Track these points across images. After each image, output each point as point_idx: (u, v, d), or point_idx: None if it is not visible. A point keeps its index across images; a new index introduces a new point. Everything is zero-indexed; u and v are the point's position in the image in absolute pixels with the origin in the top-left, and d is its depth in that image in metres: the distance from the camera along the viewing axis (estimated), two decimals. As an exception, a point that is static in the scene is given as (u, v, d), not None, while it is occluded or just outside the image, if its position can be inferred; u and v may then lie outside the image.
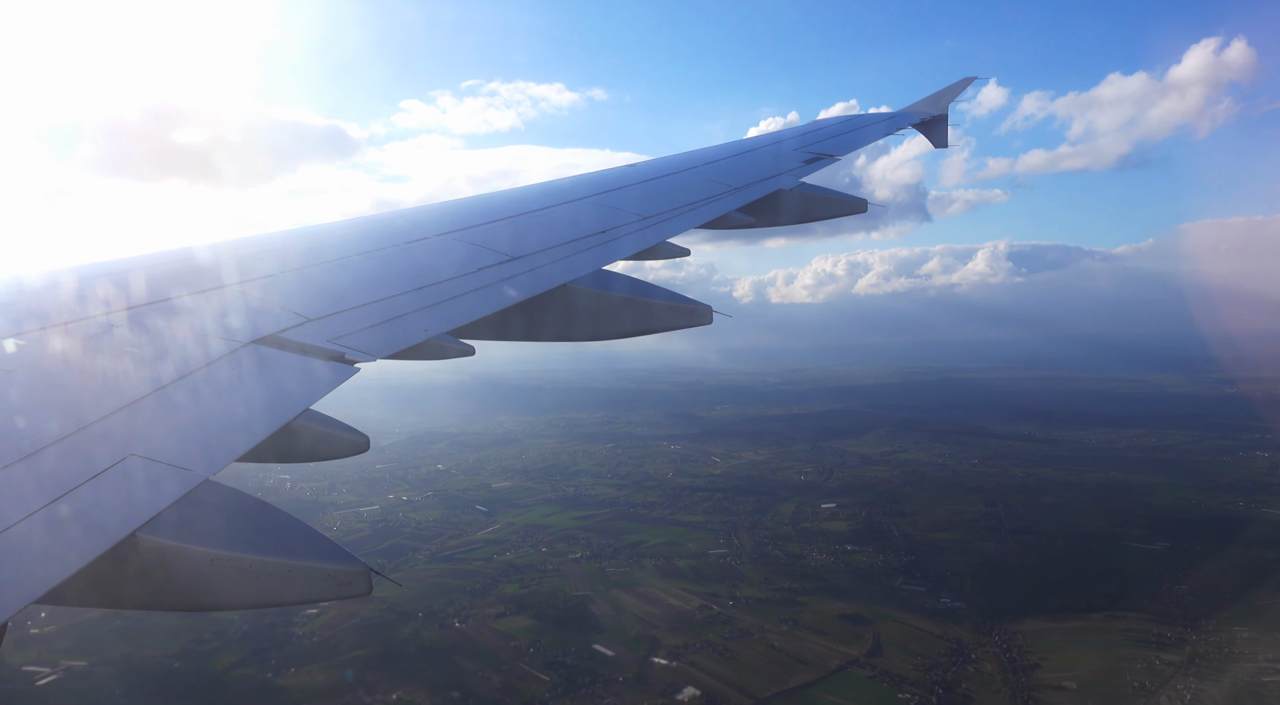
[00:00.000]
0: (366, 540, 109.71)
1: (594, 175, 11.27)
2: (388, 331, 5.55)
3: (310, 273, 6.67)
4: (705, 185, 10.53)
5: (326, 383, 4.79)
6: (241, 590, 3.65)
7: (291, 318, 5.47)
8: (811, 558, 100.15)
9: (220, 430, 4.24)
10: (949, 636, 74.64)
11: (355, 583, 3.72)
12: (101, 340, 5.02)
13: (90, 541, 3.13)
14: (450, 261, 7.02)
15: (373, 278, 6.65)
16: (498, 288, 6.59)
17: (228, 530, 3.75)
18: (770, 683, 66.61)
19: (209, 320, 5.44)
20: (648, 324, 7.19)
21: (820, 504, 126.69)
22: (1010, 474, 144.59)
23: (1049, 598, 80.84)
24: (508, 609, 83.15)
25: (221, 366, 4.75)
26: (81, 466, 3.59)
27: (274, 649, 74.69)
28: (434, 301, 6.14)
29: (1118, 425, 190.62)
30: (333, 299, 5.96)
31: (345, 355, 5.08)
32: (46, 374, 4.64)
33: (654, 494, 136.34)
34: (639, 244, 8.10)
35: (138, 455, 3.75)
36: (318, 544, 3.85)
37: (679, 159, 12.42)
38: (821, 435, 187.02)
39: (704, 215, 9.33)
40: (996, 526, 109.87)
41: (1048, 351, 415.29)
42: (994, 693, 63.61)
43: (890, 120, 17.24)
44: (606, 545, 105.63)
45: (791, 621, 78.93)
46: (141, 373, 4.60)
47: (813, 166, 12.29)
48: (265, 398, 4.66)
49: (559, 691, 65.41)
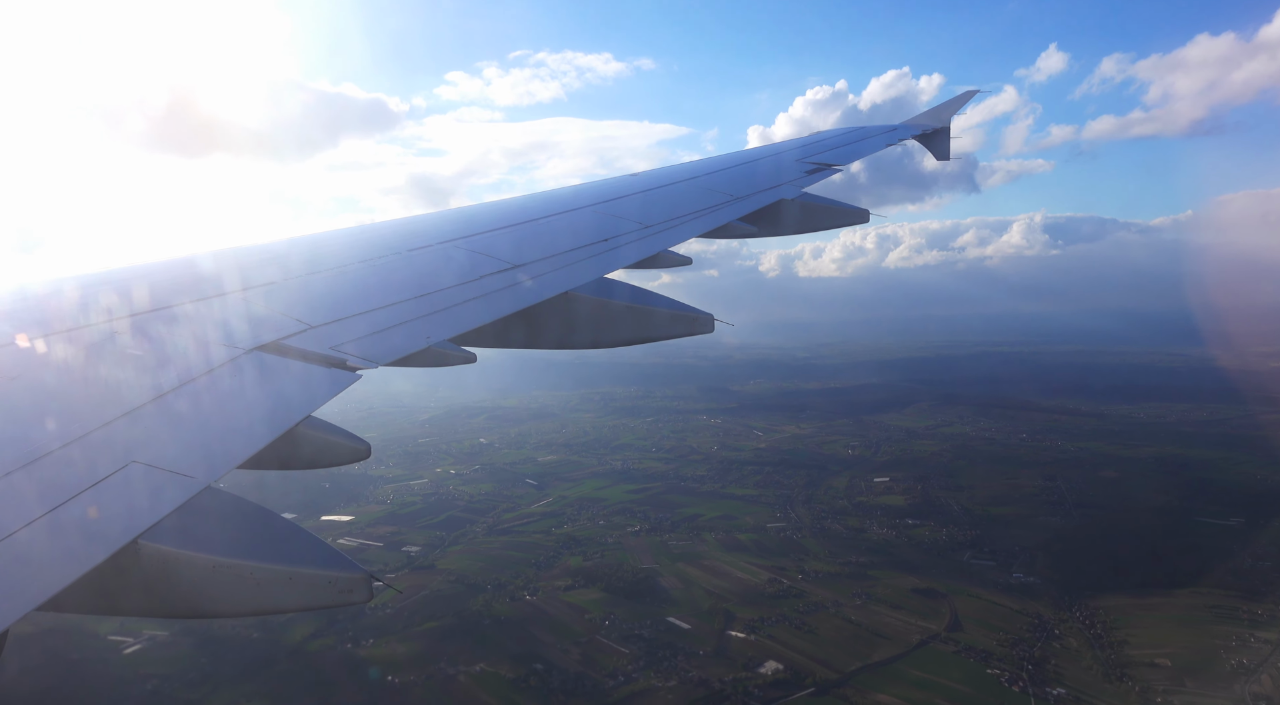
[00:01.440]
0: (421, 513, 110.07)
1: (596, 184, 11.37)
2: (389, 338, 5.56)
3: (312, 280, 6.66)
4: (707, 194, 10.57)
5: (328, 390, 4.79)
6: (243, 597, 3.67)
7: (293, 325, 5.49)
8: (873, 532, 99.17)
9: (222, 437, 4.25)
10: (1028, 612, 73.59)
11: (356, 589, 3.72)
12: (104, 347, 5.05)
13: (92, 548, 3.12)
14: (452, 269, 7.04)
15: (374, 285, 6.66)
16: (499, 295, 6.59)
17: (229, 537, 3.77)
18: (853, 657, 65.96)
19: (211, 327, 5.47)
20: (649, 332, 7.16)
21: (873, 478, 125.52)
22: (1062, 448, 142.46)
23: (1127, 574, 79.46)
24: (575, 582, 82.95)
25: (223, 373, 4.78)
26: (83, 473, 3.60)
27: (349, 621, 74.93)
28: (435, 309, 6.16)
29: (1165, 399, 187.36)
30: (334, 306, 5.97)
31: (347, 362, 5.09)
32: (49, 381, 4.65)
33: (702, 468, 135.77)
34: (640, 253, 8.11)
35: (140, 462, 3.74)
36: (318, 551, 3.87)
37: (681, 168, 12.58)
38: (862, 409, 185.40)
39: (706, 224, 9.40)
40: (1058, 501, 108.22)
41: (1083, 325, 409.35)
42: (1085, 669, 62.62)
43: (892, 132, 17.59)
44: (664, 519, 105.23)
45: (865, 595, 78.16)
46: (143, 379, 4.60)
47: (814, 177, 12.45)
48: (267, 404, 4.66)
49: (641, 664, 65.12)
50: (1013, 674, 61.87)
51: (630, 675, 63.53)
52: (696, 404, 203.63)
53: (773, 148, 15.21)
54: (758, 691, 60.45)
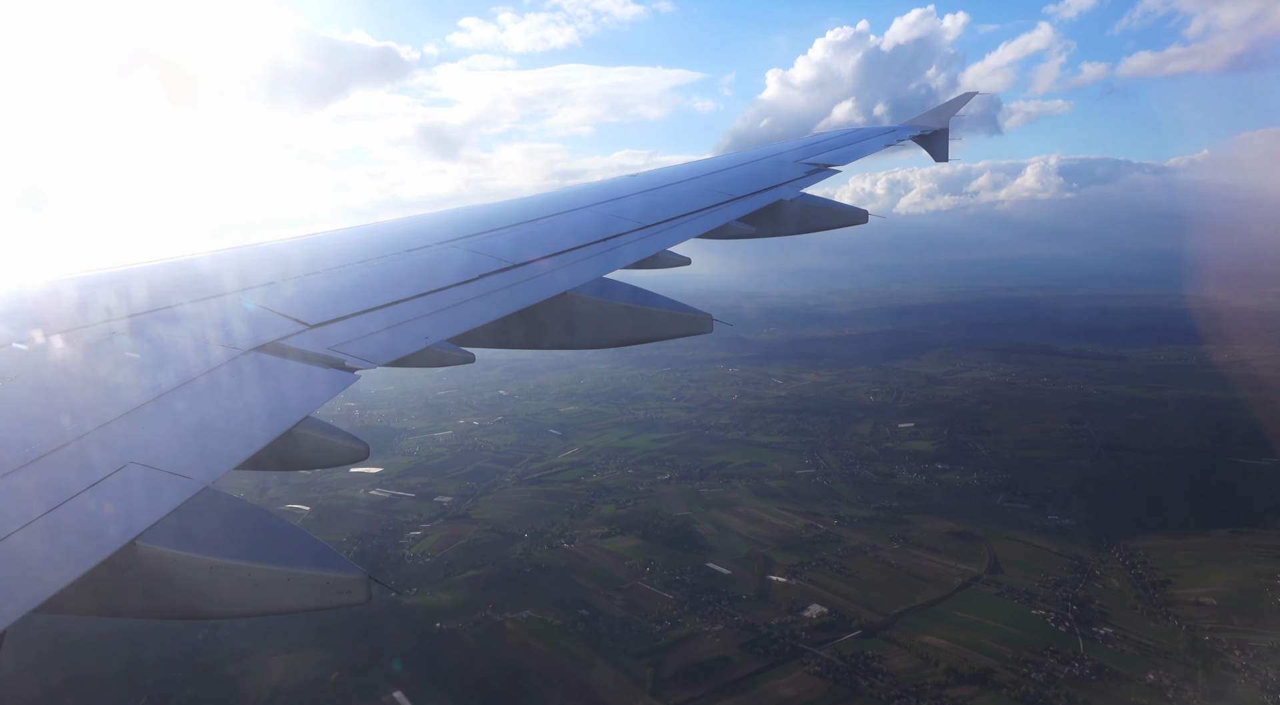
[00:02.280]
0: (449, 464, 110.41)
1: (595, 185, 11.52)
2: (388, 339, 5.54)
3: (311, 280, 6.65)
4: (706, 195, 10.59)
5: (326, 390, 4.77)
6: (240, 598, 3.66)
7: (292, 325, 5.49)
8: (903, 477, 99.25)
9: (220, 437, 4.23)
10: (1066, 554, 73.75)
11: (354, 590, 3.71)
12: (102, 347, 5.05)
13: (89, 549, 3.11)
14: (451, 269, 7.02)
15: (373, 285, 6.63)
16: (498, 295, 6.59)
17: (227, 538, 3.76)
18: (896, 600, 66.32)
19: (210, 327, 5.45)
20: (648, 332, 7.17)
21: (897, 424, 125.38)
22: (1086, 392, 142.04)
23: (1164, 514, 79.40)
24: (612, 529, 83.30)
25: (222, 374, 4.76)
26: (81, 474, 3.58)
27: (390, 570, 75.53)
28: (434, 309, 6.16)
29: (1185, 341, 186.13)
30: (333, 306, 5.95)
31: (345, 362, 5.05)
32: (47, 381, 4.63)
33: (725, 416, 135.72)
34: (639, 253, 8.14)
35: (138, 463, 3.72)
36: (316, 551, 3.86)
37: (680, 169, 12.71)
38: (879, 356, 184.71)
39: (704, 224, 9.44)
40: (1087, 444, 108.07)
41: (1098, 268, 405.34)
42: (1129, 608, 62.88)
43: (890, 133, 17.90)
44: (692, 467, 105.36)
45: (902, 539, 78.40)
46: (142, 380, 4.58)
47: (813, 178, 12.52)
48: (265, 405, 4.63)
49: (685, 609, 65.57)
50: (1058, 615, 62.17)
51: (676, 620, 64.00)
52: (712, 353, 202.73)
53: (772, 149, 15.33)
54: (804, 635, 60.87)
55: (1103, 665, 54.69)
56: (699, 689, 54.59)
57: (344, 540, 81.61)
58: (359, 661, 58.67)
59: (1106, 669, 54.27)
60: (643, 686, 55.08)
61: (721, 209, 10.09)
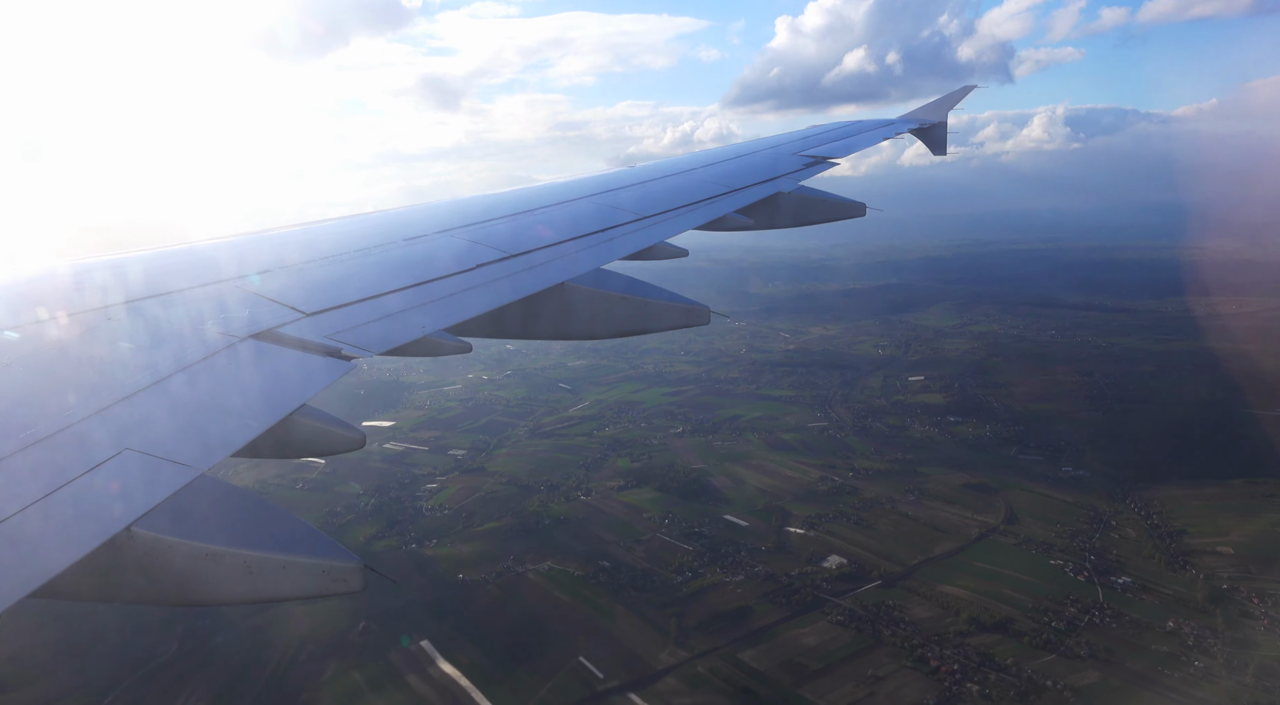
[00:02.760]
0: (461, 418, 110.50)
1: (593, 177, 11.46)
2: (385, 327, 5.55)
3: (308, 268, 6.67)
4: (704, 187, 10.57)
5: (322, 378, 4.79)
6: (236, 585, 3.66)
7: (289, 313, 5.49)
8: (915, 430, 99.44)
9: (217, 425, 4.22)
10: (1082, 504, 74.20)
11: (350, 578, 3.72)
12: (98, 333, 5.05)
13: (84, 536, 3.12)
14: (448, 259, 7.02)
15: (371, 274, 6.60)
16: (496, 285, 6.58)
17: (223, 525, 3.78)
18: (914, 551, 66.86)
19: (206, 314, 5.41)
20: (645, 323, 7.21)
21: (907, 377, 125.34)
22: (1095, 344, 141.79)
23: (1178, 465, 79.72)
24: (627, 482, 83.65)
25: (218, 361, 4.77)
26: (77, 460, 3.56)
27: (408, 522, 75.99)
28: (431, 299, 6.16)
29: (1192, 293, 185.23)
30: (330, 295, 5.93)
31: (342, 351, 5.08)
32: (43, 367, 4.62)
33: (734, 370, 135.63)
34: (637, 244, 8.14)
35: (134, 449, 3.72)
36: (312, 539, 3.86)
37: (679, 161, 12.73)
38: (885, 309, 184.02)
39: (702, 216, 9.44)
40: (1098, 396, 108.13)
41: (1104, 220, 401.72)
42: (1146, 558, 63.41)
43: (889, 126, 18.04)
44: (704, 420, 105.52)
45: (917, 491, 78.80)
46: (138, 366, 4.57)
47: (811, 170, 12.53)
48: (262, 392, 4.63)
49: (705, 560, 66.10)
50: (1076, 564, 62.72)
51: (697, 571, 64.55)
52: (717, 307, 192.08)
53: (770, 141, 15.44)
54: (825, 585, 61.45)
55: (1123, 613, 55.33)
56: (723, 638, 55.25)
57: (361, 493, 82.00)
58: (385, 612, 59.22)
59: (1126, 617, 54.92)
60: (667, 636, 55.73)
61: (719, 200, 10.11)
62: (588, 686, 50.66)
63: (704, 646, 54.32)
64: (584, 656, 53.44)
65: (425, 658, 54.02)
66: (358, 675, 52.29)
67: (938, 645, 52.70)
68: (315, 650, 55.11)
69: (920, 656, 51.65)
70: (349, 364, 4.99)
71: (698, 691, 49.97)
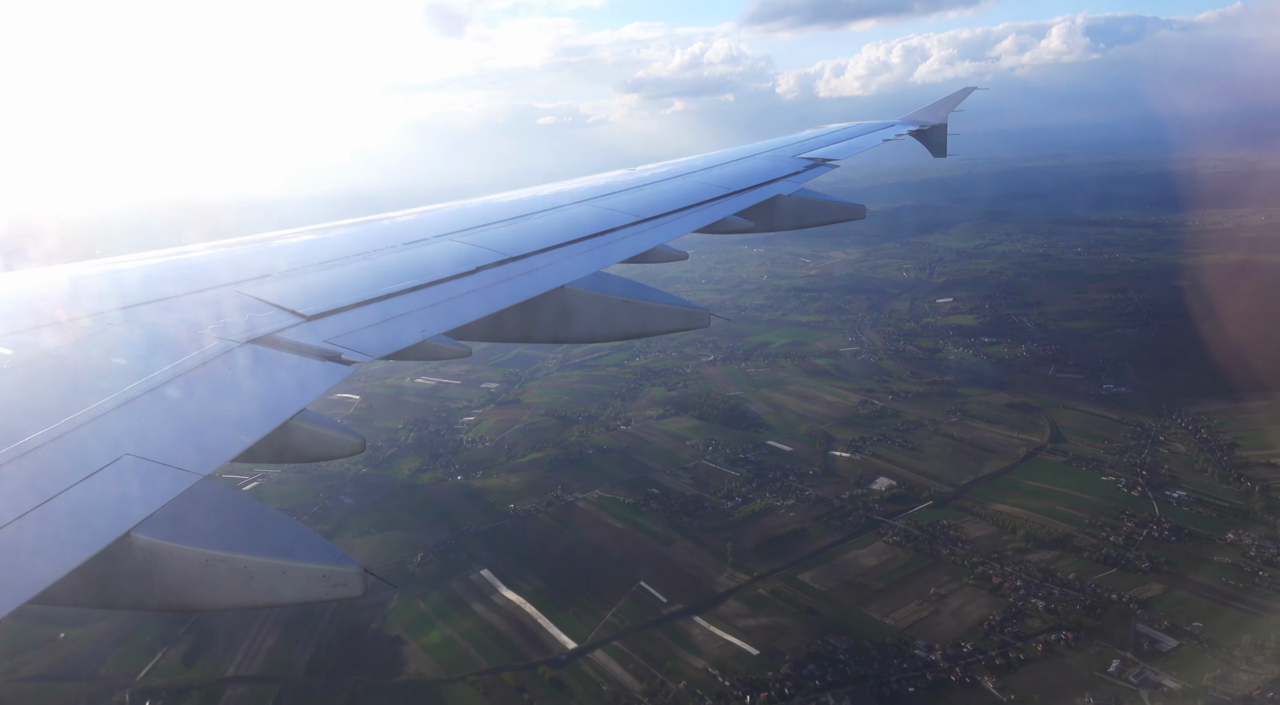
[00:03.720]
0: (489, 352, 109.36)
1: (592, 181, 11.59)
2: (384, 332, 5.55)
3: (307, 273, 6.65)
4: (704, 190, 10.61)
5: (322, 383, 4.75)
6: (235, 590, 3.66)
7: (288, 317, 5.48)
8: (949, 352, 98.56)
9: (216, 430, 4.23)
10: (1128, 421, 73.76)
11: (349, 583, 3.72)
12: (97, 338, 5.07)
13: (83, 542, 3.13)
14: (448, 263, 6.99)
15: (370, 278, 6.54)
16: (495, 289, 6.57)
17: (222, 530, 3.76)
18: (963, 471, 66.74)
19: (205, 319, 5.42)
20: (645, 326, 7.24)
21: (935, 299, 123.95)
22: (1124, 261, 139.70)
23: (1222, 380, 78.69)
24: (666, 411, 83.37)
25: (217, 366, 4.76)
26: (76, 466, 3.57)
27: (450, 455, 76.05)
28: (431, 303, 6.12)
29: (1219, 205, 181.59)
30: (330, 299, 5.90)
31: (341, 355, 5.03)
32: (41, 372, 4.64)
33: (758, 297, 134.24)
34: (636, 247, 8.13)
35: (132, 455, 3.71)
36: (312, 543, 3.86)
37: (678, 165, 12.68)
38: (905, 231, 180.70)
39: (702, 219, 9.49)
40: (1134, 313, 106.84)
41: (1125, 135, 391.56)
42: (1199, 472, 63.16)
43: (888, 128, 18.38)
44: (734, 348, 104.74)
45: (959, 412, 78.37)
46: (137, 371, 4.56)
47: (811, 173, 12.58)
48: (261, 397, 4.64)
49: (754, 486, 66.14)
50: (1128, 480, 62.53)
51: (746, 496, 64.63)
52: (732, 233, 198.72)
53: (770, 144, 15.44)
54: (877, 506, 61.49)
55: (1181, 527, 55.29)
56: (780, 561, 55.52)
57: (400, 427, 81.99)
58: (440, 543, 59.64)
59: (1185, 530, 54.89)
60: (724, 560, 56.02)
61: (719, 203, 10.10)
62: (652, 611, 51.11)
63: (763, 569, 54.61)
64: (644, 581, 53.85)
65: (487, 586, 54.48)
66: (422, 604, 52.81)
67: (998, 562, 52.86)
68: (375, 582, 55.40)
69: (981, 574, 51.85)
70: (348, 368, 4.95)
71: (761, 613, 50.40)
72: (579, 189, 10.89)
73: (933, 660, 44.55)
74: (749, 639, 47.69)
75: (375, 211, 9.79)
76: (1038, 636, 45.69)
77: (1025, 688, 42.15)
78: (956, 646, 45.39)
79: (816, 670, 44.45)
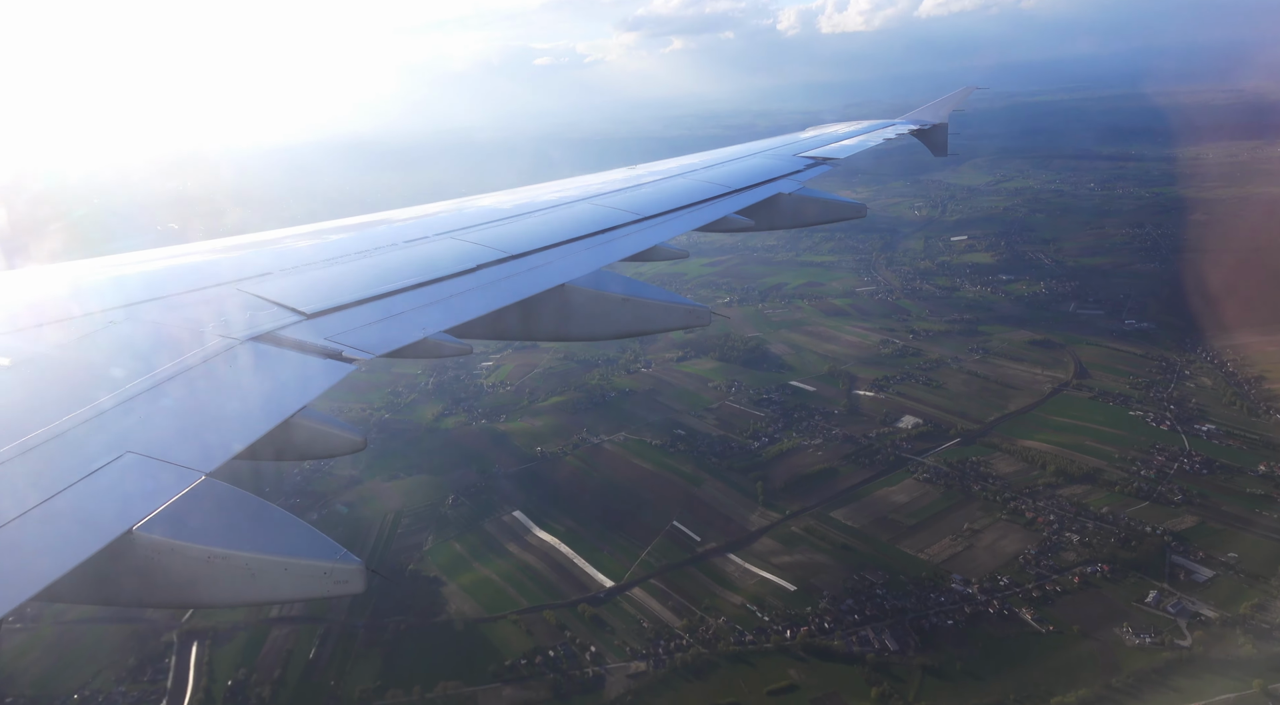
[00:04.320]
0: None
1: (593, 179, 11.57)
2: (385, 329, 5.56)
3: (309, 271, 6.66)
4: (705, 188, 10.67)
5: (323, 380, 4.76)
6: (238, 587, 3.67)
7: (289, 315, 5.50)
8: (967, 290, 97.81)
9: (218, 427, 4.24)
10: (1152, 356, 73.54)
11: (351, 579, 3.72)
12: (99, 336, 5.07)
13: (86, 539, 3.14)
14: (449, 261, 7.02)
15: (371, 276, 6.58)
16: (496, 287, 6.59)
17: (224, 527, 3.75)
18: (989, 407, 66.71)
19: (207, 317, 5.43)
20: (645, 324, 7.26)
21: (949, 237, 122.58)
22: (1139, 195, 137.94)
23: (1245, 313, 78.22)
24: (685, 353, 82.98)
25: (219, 363, 4.78)
26: (78, 463, 3.58)
27: (471, 400, 75.85)
28: (432, 300, 6.17)
29: (1233, 137, 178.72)
30: (331, 297, 5.92)
31: (342, 353, 5.05)
32: (44, 370, 4.65)
33: (769, 238, 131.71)
34: (636, 245, 8.14)
35: (135, 452, 3.74)
36: (314, 541, 3.85)
37: (680, 164, 12.75)
38: (913, 169, 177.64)
39: (703, 217, 9.52)
40: (1153, 247, 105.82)
41: (1134, 66, 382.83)
42: (1227, 405, 63.18)
43: (888, 127, 18.41)
44: (750, 289, 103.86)
45: (981, 350, 78.05)
46: (139, 369, 4.57)
47: (811, 172, 12.65)
48: (263, 395, 4.66)
49: (780, 425, 66.12)
50: (1156, 414, 62.56)
51: (773, 436, 64.65)
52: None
53: (770, 143, 15.47)
54: (905, 444, 61.56)
55: (1212, 460, 55.48)
56: (812, 499, 55.76)
57: (419, 373, 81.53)
58: (470, 485, 59.79)
59: (1216, 463, 55.09)
60: (755, 499, 56.25)
61: (719, 202, 10.14)
62: (687, 549, 51.50)
63: (794, 507, 54.88)
64: (677, 521, 54.15)
65: (520, 527, 54.78)
66: (458, 545, 53.16)
67: (1030, 497, 53.12)
68: (410, 523, 55.89)
69: (1014, 509, 52.15)
70: (349, 366, 4.93)
71: (795, 550, 50.79)
72: (579, 187, 10.88)
73: (970, 593, 45.06)
74: (785, 575, 48.12)
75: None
76: (1073, 569, 46.14)
77: (1064, 619, 42.71)
78: (993, 580, 45.87)
79: (854, 605, 44.96)
